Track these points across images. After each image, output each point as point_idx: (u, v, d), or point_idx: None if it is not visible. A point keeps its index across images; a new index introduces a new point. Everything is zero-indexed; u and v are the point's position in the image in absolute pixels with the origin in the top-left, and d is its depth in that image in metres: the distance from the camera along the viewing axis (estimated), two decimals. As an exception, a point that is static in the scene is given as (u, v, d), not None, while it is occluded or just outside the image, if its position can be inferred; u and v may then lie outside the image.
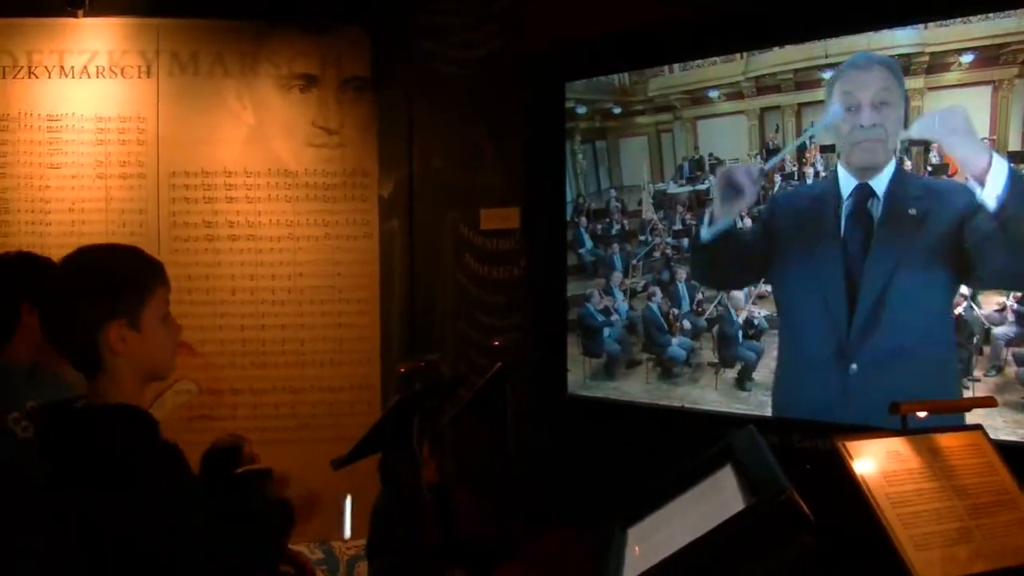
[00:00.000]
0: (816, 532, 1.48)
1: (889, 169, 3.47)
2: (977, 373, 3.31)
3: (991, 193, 3.20)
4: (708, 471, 1.98)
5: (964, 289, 3.33)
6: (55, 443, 1.91)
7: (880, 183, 3.49)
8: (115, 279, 1.94)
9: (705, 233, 3.93)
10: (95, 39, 5.00)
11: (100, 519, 1.82)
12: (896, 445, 2.27)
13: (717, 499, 1.78)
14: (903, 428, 2.34)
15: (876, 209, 3.50)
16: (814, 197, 3.68)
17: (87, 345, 1.91)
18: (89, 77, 5.01)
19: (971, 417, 2.82)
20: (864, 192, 3.53)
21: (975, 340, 3.32)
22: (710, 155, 4.01)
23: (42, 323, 1.98)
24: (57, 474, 1.91)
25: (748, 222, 3.85)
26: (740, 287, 3.91)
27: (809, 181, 3.73)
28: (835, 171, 3.61)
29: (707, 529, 1.58)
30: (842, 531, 2.20)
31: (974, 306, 3.32)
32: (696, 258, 4.04)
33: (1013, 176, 3.16)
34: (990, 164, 3.21)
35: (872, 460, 2.21)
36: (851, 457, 2.18)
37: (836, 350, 3.57)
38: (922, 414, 2.38)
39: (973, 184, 3.24)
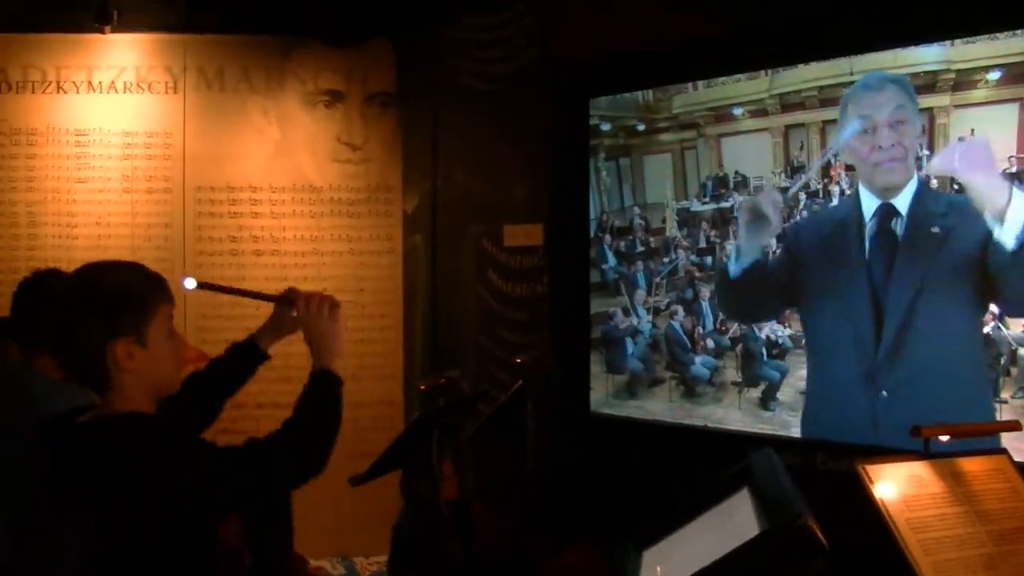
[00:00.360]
0: (831, 559, 1.44)
1: (911, 186, 3.43)
2: (1005, 395, 3.26)
3: (1011, 231, 3.15)
4: (725, 494, 1.96)
5: (993, 307, 3.27)
6: (61, 449, 1.92)
7: (903, 201, 3.45)
8: (120, 296, 1.94)
9: (734, 268, 3.89)
10: (123, 55, 5.06)
11: (102, 518, 1.84)
12: (918, 469, 2.23)
13: (732, 523, 1.76)
14: (926, 452, 2.30)
15: (899, 228, 3.46)
16: (837, 221, 3.64)
17: (94, 363, 1.92)
18: (117, 92, 5.06)
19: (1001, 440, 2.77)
20: (887, 212, 3.49)
21: (1003, 361, 3.27)
22: (735, 172, 3.98)
23: (48, 340, 1.98)
24: (61, 478, 1.92)
25: (775, 252, 3.81)
26: (770, 318, 3.86)
27: (835, 200, 3.69)
28: (856, 192, 3.58)
29: (721, 554, 1.55)
30: (863, 556, 2.17)
31: (1001, 326, 3.27)
32: (725, 294, 4.00)
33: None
34: (1010, 200, 3.17)
35: (893, 484, 2.17)
36: (872, 481, 2.15)
37: (865, 375, 3.52)
38: (944, 438, 2.34)
39: (992, 221, 3.20)
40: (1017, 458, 2.44)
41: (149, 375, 1.97)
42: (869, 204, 3.54)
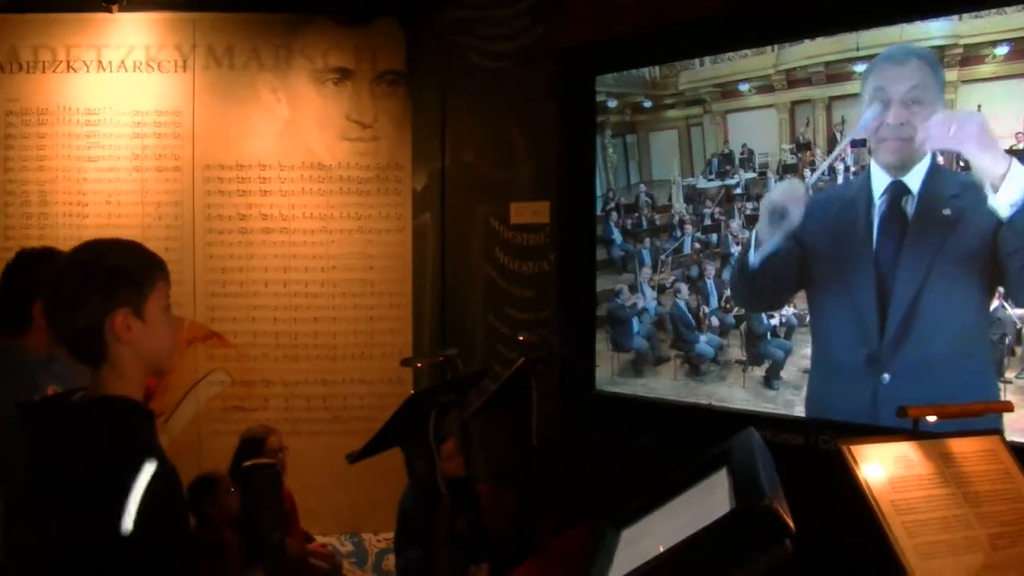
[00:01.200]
0: (798, 541, 1.43)
1: (924, 165, 3.39)
2: (1009, 374, 3.22)
3: (1004, 199, 3.13)
4: (705, 473, 1.94)
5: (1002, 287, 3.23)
6: (49, 435, 1.93)
7: (914, 179, 3.41)
8: (120, 269, 1.97)
9: (753, 259, 3.85)
10: (132, 34, 5.06)
11: (87, 505, 1.84)
12: (905, 450, 2.20)
13: (707, 503, 1.74)
14: (914, 431, 2.27)
15: (910, 207, 3.41)
16: (847, 201, 3.60)
17: (92, 334, 1.94)
18: (126, 71, 5.07)
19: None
20: (898, 189, 3.45)
21: (1007, 340, 3.23)
22: (743, 146, 3.94)
23: (47, 315, 2.01)
24: (47, 465, 1.93)
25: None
26: (783, 304, 3.83)
27: (840, 179, 3.65)
28: (868, 169, 3.53)
29: (689, 534, 1.54)
30: (853, 537, 2.16)
31: (1006, 305, 3.23)
32: (743, 285, 3.96)
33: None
34: (1008, 170, 3.12)
35: (879, 465, 2.14)
36: (856, 462, 2.13)
37: (868, 359, 3.50)
38: (932, 418, 2.31)
39: (988, 189, 3.16)
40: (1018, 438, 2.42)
41: (145, 348, 1.98)
42: (880, 180, 3.50)
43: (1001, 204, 3.15)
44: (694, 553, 1.50)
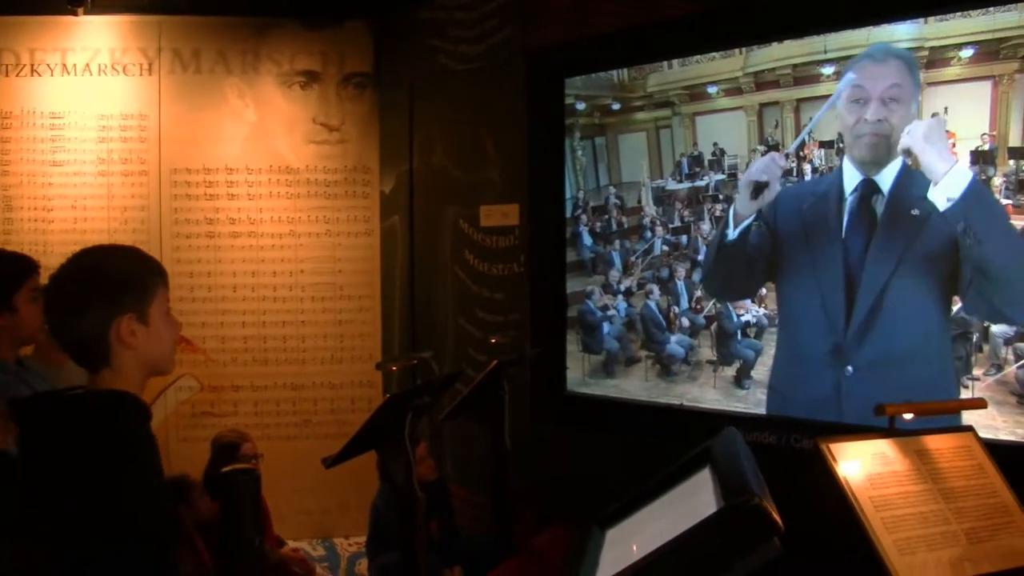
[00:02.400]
0: (784, 538, 1.45)
1: (895, 166, 3.43)
2: (977, 372, 3.27)
3: (941, 193, 3.22)
4: (688, 473, 1.96)
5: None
6: (43, 429, 1.93)
7: (885, 179, 3.45)
8: (124, 276, 2.00)
9: (731, 233, 3.85)
10: (97, 37, 5.02)
11: (84, 499, 1.84)
12: (882, 447, 2.24)
13: (693, 502, 1.76)
14: (890, 429, 2.30)
15: (880, 206, 3.46)
16: (818, 195, 3.64)
17: (97, 340, 1.96)
18: (91, 75, 5.03)
19: (969, 417, 2.78)
20: (869, 187, 3.49)
21: (975, 338, 3.28)
22: (715, 144, 3.97)
23: (49, 321, 2.03)
24: (41, 460, 1.93)
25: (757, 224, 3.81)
26: (754, 292, 3.86)
27: (808, 177, 3.69)
28: (840, 165, 3.58)
29: (676, 533, 1.55)
30: (831, 534, 2.18)
31: (974, 304, 3.29)
32: (717, 265, 3.93)
33: (974, 186, 3.18)
34: (950, 169, 3.21)
35: (857, 462, 2.18)
36: (835, 459, 2.16)
37: (832, 351, 3.54)
38: (908, 416, 2.35)
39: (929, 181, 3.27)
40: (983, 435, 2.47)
41: (148, 352, 2.02)
42: (851, 177, 3.54)
43: (938, 198, 3.24)
44: (685, 551, 1.52)
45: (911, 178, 3.38)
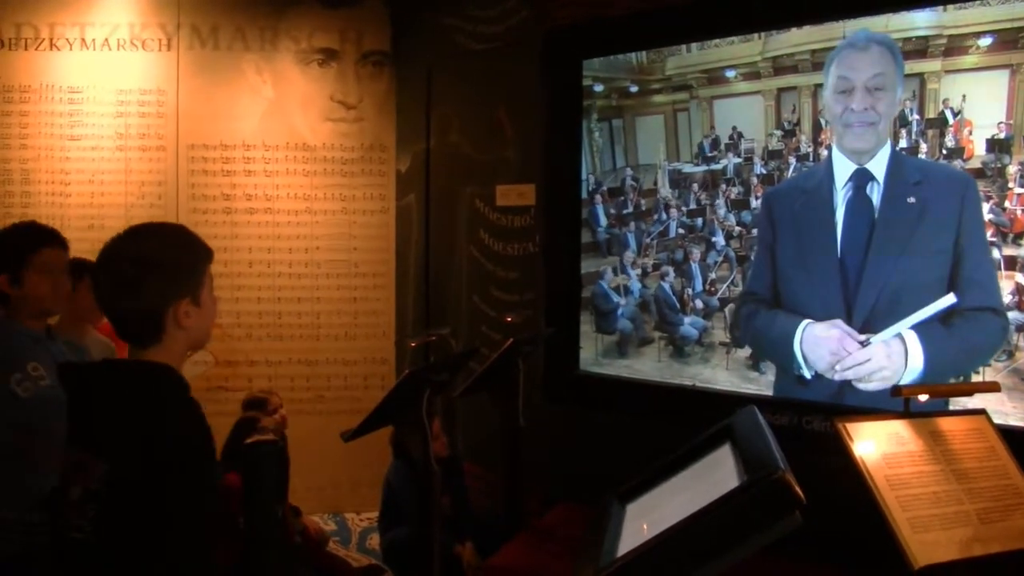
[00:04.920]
0: (806, 511, 1.49)
1: (884, 152, 3.49)
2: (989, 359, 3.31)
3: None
4: (708, 449, 2.00)
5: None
6: (92, 393, 1.98)
7: (878, 166, 3.51)
8: (182, 261, 2.07)
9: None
10: (116, 12, 5.04)
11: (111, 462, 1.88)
12: (897, 428, 2.28)
13: (714, 477, 1.80)
14: (905, 411, 2.34)
15: (876, 195, 3.50)
16: (809, 191, 3.70)
17: (152, 320, 2.02)
18: (110, 50, 5.05)
19: (981, 401, 2.82)
20: (863, 176, 3.54)
21: (986, 325, 3.32)
22: (733, 128, 3.99)
23: (99, 297, 2.05)
24: (86, 424, 1.98)
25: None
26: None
27: (791, 171, 3.76)
28: (829, 155, 3.64)
29: (700, 506, 1.59)
30: (845, 511, 2.22)
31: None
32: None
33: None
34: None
35: (873, 442, 2.22)
36: (851, 439, 2.20)
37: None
38: (923, 397, 2.39)
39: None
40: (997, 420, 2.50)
41: (198, 330, 2.09)
42: (842, 167, 3.60)
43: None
44: (709, 523, 1.56)
45: (901, 161, 3.46)
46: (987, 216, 3.27)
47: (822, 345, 3.63)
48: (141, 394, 1.96)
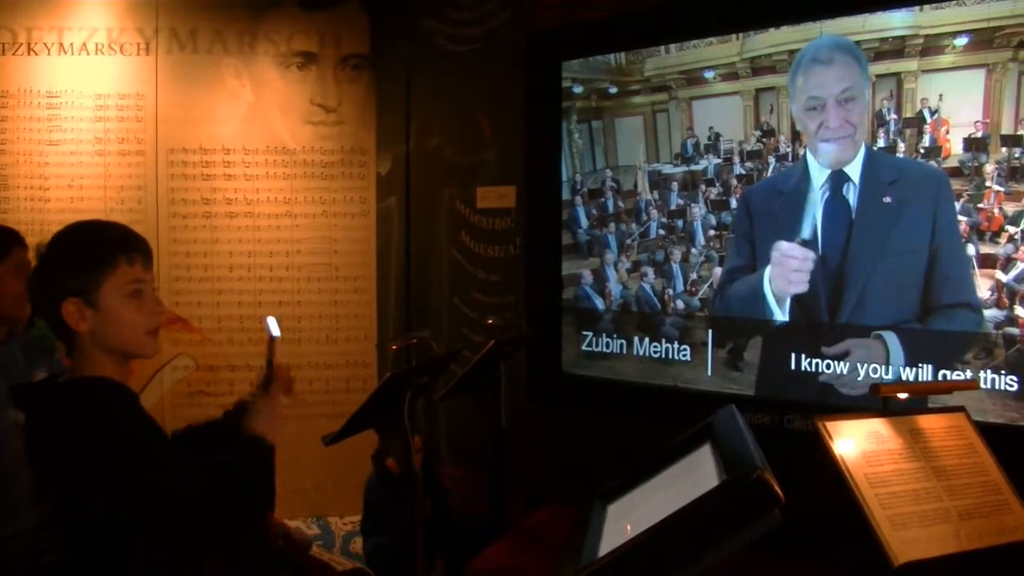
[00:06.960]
0: (784, 510, 1.49)
1: (860, 156, 3.54)
2: (967, 356, 3.33)
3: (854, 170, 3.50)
4: (688, 449, 2.00)
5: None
6: (34, 417, 1.95)
7: (853, 168, 3.57)
8: (67, 257, 1.96)
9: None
10: (94, 16, 5.01)
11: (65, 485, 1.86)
12: (877, 426, 2.29)
13: (694, 477, 1.80)
14: (884, 409, 2.36)
15: (852, 196, 3.53)
16: (787, 193, 3.74)
17: (52, 323, 1.95)
18: (88, 54, 5.02)
19: (960, 399, 2.84)
20: (839, 178, 3.59)
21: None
22: (710, 129, 4.01)
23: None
24: (36, 446, 1.95)
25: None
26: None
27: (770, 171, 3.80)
28: (805, 158, 3.68)
29: (680, 506, 1.59)
30: (825, 510, 2.23)
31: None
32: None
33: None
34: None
35: (852, 440, 2.23)
36: (831, 437, 2.21)
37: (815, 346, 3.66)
38: (903, 396, 2.40)
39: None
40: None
41: (104, 337, 1.96)
42: (818, 172, 3.64)
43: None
44: (688, 523, 1.56)
45: (877, 160, 3.49)
46: (961, 216, 3.30)
47: (786, 264, 3.69)
48: (73, 414, 1.88)
